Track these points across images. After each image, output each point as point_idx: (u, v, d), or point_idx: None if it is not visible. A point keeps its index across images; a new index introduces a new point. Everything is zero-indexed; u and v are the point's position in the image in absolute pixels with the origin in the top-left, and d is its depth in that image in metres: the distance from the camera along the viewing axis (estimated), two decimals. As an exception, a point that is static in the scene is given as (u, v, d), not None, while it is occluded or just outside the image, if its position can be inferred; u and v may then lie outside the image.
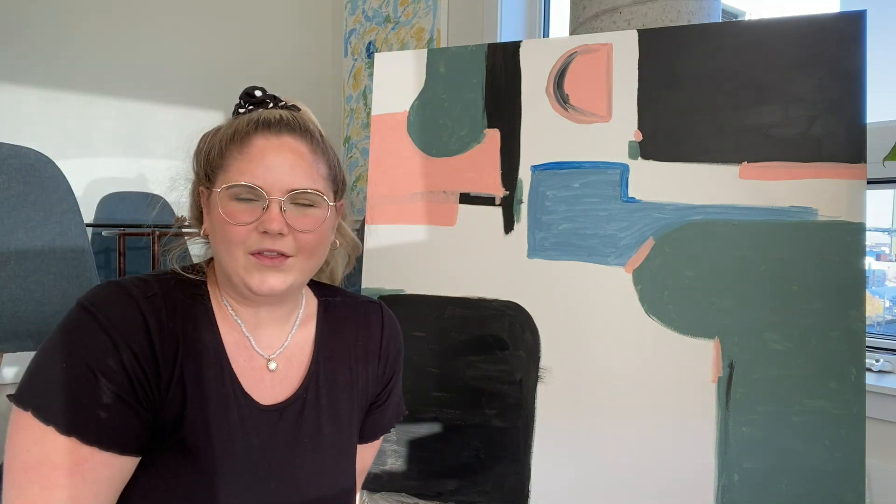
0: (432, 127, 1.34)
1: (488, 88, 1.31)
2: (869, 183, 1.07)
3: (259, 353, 0.74)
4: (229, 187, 0.67)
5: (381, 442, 0.93)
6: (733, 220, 1.12)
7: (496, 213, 1.28)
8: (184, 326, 0.68)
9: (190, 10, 3.03)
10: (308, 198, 0.69)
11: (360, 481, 0.89)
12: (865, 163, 1.07)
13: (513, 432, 1.22)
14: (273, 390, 0.73)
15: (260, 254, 0.67)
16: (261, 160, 0.67)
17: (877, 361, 1.58)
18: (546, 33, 2.58)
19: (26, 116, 2.64)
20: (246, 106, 0.73)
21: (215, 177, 0.70)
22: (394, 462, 1.28)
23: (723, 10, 1.53)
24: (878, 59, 1.10)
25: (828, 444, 1.04)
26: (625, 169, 1.20)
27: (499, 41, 1.79)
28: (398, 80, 1.38)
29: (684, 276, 1.14)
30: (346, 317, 0.83)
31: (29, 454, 0.59)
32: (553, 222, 1.24)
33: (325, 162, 0.72)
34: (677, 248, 1.15)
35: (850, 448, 1.03)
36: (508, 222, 1.27)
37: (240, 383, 0.70)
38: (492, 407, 1.24)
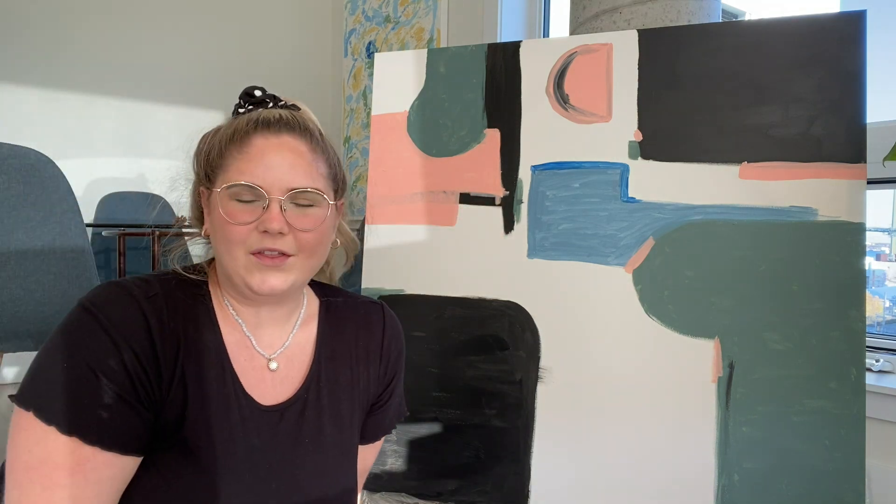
0: (432, 127, 1.34)
1: (488, 88, 1.31)
2: (869, 183, 1.07)
3: (260, 353, 0.74)
4: (229, 187, 0.67)
5: (382, 442, 0.93)
6: (733, 220, 1.12)
7: (496, 213, 1.28)
8: (185, 326, 0.68)
9: (190, 10, 3.03)
10: (308, 197, 0.69)
11: (362, 481, 0.89)
12: (865, 163, 1.07)
13: (513, 432, 1.22)
14: (274, 390, 0.73)
15: (260, 253, 0.67)
16: (260, 160, 0.67)
17: (877, 361, 1.58)
18: (546, 33, 2.58)
19: (26, 116, 2.64)
20: (245, 106, 0.73)
21: (215, 177, 0.70)
22: (394, 462, 1.28)
23: (723, 10, 1.53)
24: (878, 59, 1.10)
25: (828, 444, 1.04)
26: (625, 169, 1.20)
27: (499, 41, 1.79)
28: (398, 80, 1.38)
29: (684, 276, 1.14)
30: (348, 317, 0.83)
31: (31, 454, 0.59)
32: (553, 222, 1.24)
33: (325, 161, 0.72)
34: (677, 248, 1.15)
35: (850, 448, 1.03)
36: (508, 222, 1.27)
37: (241, 383, 0.70)
38: (492, 407, 1.24)
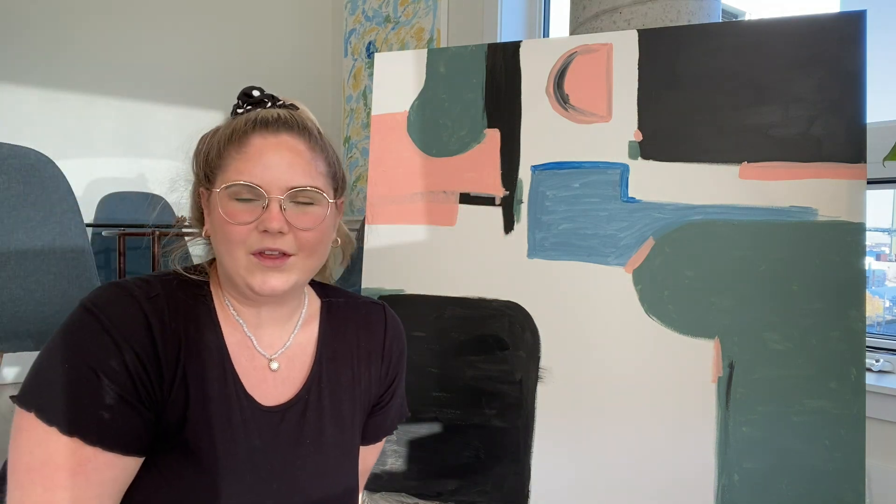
0: (432, 127, 1.34)
1: (488, 88, 1.31)
2: (869, 183, 1.08)
3: (261, 354, 0.74)
4: (228, 187, 0.67)
5: (383, 443, 0.93)
6: (733, 220, 1.12)
7: (496, 213, 1.28)
8: (186, 327, 0.68)
9: (190, 10, 3.03)
10: (307, 195, 0.69)
11: (363, 482, 0.89)
12: (865, 163, 1.07)
13: (513, 432, 1.22)
14: (275, 391, 0.73)
15: (261, 254, 0.67)
16: (259, 159, 0.67)
17: (877, 361, 1.58)
18: (546, 33, 2.58)
19: (26, 116, 2.64)
20: (244, 106, 0.73)
21: (214, 177, 0.69)
22: (394, 462, 1.28)
23: (723, 10, 1.53)
24: (878, 59, 1.10)
25: (828, 444, 1.04)
26: (625, 169, 1.20)
27: (499, 41, 1.79)
28: (398, 80, 1.38)
29: (684, 276, 1.14)
30: (349, 317, 0.83)
31: (32, 455, 0.59)
32: (553, 222, 1.24)
33: (324, 159, 0.72)
34: (677, 248, 1.15)
35: (850, 448, 1.03)
36: (508, 222, 1.27)
37: (242, 384, 0.70)
38: (492, 407, 1.24)
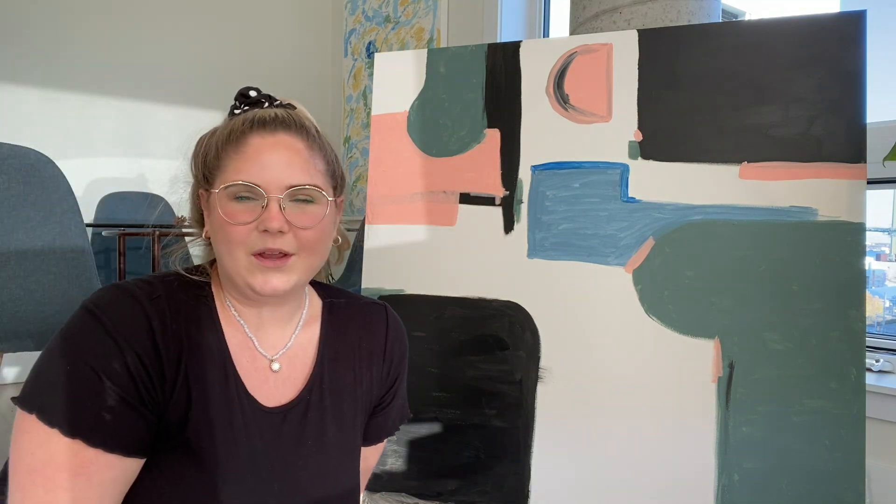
0: (432, 127, 1.34)
1: (488, 88, 1.31)
2: (869, 183, 1.07)
3: (262, 354, 0.73)
4: (227, 187, 0.67)
5: (385, 443, 0.93)
6: (733, 220, 1.12)
7: (496, 213, 1.28)
8: (188, 328, 0.68)
9: (190, 10, 3.03)
10: (307, 193, 0.69)
11: (364, 482, 0.89)
12: (865, 163, 1.07)
13: (513, 432, 1.22)
14: (277, 391, 0.73)
15: (262, 254, 0.67)
16: (257, 158, 0.67)
17: (877, 361, 1.58)
18: (546, 33, 2.58)
19: (26, 116, 2.64)
20: (241, 106, 0.72)
21: (213, 178, 0.69)
22: (394, 462, 1.28)
23: (723, 10, 1.53)
24: (878, 59, 1.10)
25: (828, 444, 1.04)
26: (625, 169, 1.20)
27: (499, 41, 1.79)
28: (398, 80, 1.38)
29: (684, 276, 1.14)
30: (351, 318, 0.83)
31: (33, 457, 0.59)
32: (553, 222, 1.24)
33: (323, 157, 0.72)
34: (677, 248, 1.15)
35: (850, 448, 1.03)
36: (508, 222, 1.27)
37: (244, 385, 0.70)
38: (492, 407, 1.24)
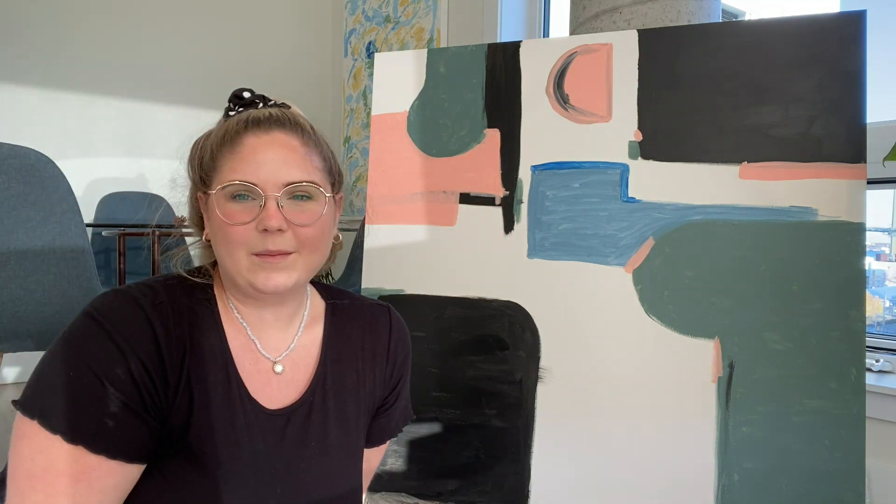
0: (432, 127, 1.34)
1: (488, 88, 1.31)
2: (869, 183, 1.07)
3: (265, 356, 0.73)
4: (224, 187, 0.67)
5: (387, 445, 0.93)
6: (733, 220, 1.12)
7: (496, 213, 1.28)
8: (191, 332, 0.68)
9: (190, 10, 3.03)
10: (304, 189, 0.69)
11: (367, 483, 0.89)
12: (865, 163, 1.07)
13: (513, 432, 1.22)
14: (280, 393, 0.73)
15: (262, 254, 0.67)
16: (253, 157, 0.67)
17: (877, 361, 1.58)
18: (546, 33, 2.58)
19: (26, 116, 2.64)
20: (235, 108, 0.72)
21: (210, 180, 0.69)
22: (394, 462, 1.28)
23: (723, 10, 1.53)
24: (878, 59, 1.10)
25: (828, 444, 1.04)
26: (625, 169, 1.20)
27: (499, 41, 1.79)
28: (398, 80, 1.38)
29: (684, 276, 1.14)
30: (354, 319, 0.83)
31: (33, 462, 0.59)
32: (553, 222, 1.24)
33: (319, 154, 0.72)
34: (677, 248, 1.15)
35: (850, 448, 1.03)
36: (508, 222, 1.27)
37: (246, 388, 0.70)
38: (492, 407, 1.24)
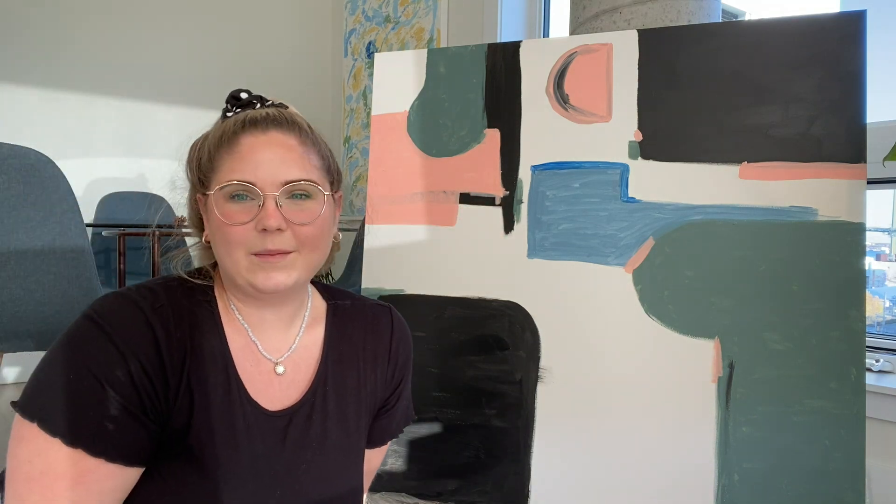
0: (432, 127, 1.34)
1: (488, 88, 1.31)
2: (869, 183, 1.07)
3: (266, 357, 0.73)
4: (222, 187, 0.67)
5: (388, 445, 0.92)
6: (733, 220, 1.12)
7: (496, 213, 1.28)
8: (191, 334, 0.68)
9: (190, 10, 3.03)
10: (303, 188, 0.69)
11: (368, 483, 0.89)
12: (865, 163, 1.07)
13: (513, 432, 1.22)
14: (281, 394, 0.73)
15: (262, 254, 0.67)
16: (251, 157, 0.67)
17: (877, 361, 1.58)
18: (546, 33, 2.58)
19: (26, 116, 2.64)
20: (233, 109, 0.72)
21: (209, 181, 0.69)
22: (394, 462, 1.28)
23: (723, 10, 1.53)
24: (878, 59, 1.10)
25: (828, 444, 1.04)
26: (625, 169, 1.20)
27: (499, 41, 1.79)
28: (398, 80, 1.38)
29: (684, 276, 1.14)
30: (356, 320, 0.83)
31: (32, 465, 0.59)
32: (553, 222, 1.24)
33: (317, 152, 0.72)
34: (677, 248, 1.15)
35: (850, 448, 1.03)
36: (508, 222, 1.27)
37: (246, 390, 0.70)
38: (492, 407, 1.24)
